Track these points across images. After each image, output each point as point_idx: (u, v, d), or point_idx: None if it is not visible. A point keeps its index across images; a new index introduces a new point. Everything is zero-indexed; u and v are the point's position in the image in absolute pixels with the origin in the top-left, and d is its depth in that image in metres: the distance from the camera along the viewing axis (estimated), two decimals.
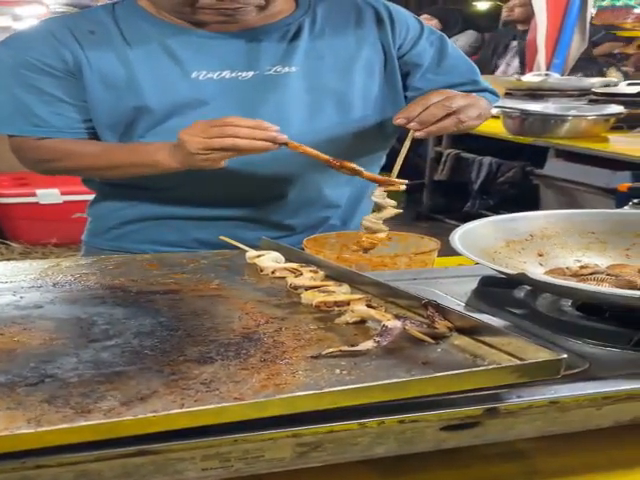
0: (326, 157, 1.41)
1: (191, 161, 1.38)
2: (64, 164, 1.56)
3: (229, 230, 1.48)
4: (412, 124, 1.40)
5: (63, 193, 4.30)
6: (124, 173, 1.52)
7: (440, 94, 1.44)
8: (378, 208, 1.44)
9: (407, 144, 1.44)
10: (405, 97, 1.64)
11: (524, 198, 4.23)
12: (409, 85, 1.63)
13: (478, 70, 1.73)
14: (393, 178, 1.44)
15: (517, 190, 4.39)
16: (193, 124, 1.38)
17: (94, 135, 1.53)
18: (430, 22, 6.66)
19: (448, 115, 1.42)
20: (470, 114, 1.46)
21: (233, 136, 1.33)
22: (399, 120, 1.40)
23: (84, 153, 1.53)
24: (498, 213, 4.46)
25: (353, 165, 1.42)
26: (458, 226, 1.22)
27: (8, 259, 4.17)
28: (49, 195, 4.31)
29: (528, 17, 6.09)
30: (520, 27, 6.20)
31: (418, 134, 1.41)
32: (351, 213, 1.70)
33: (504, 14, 6.49)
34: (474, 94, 1.57)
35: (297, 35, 1.54)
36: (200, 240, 1.58)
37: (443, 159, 4.74)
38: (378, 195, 1.42)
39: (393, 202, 1.44)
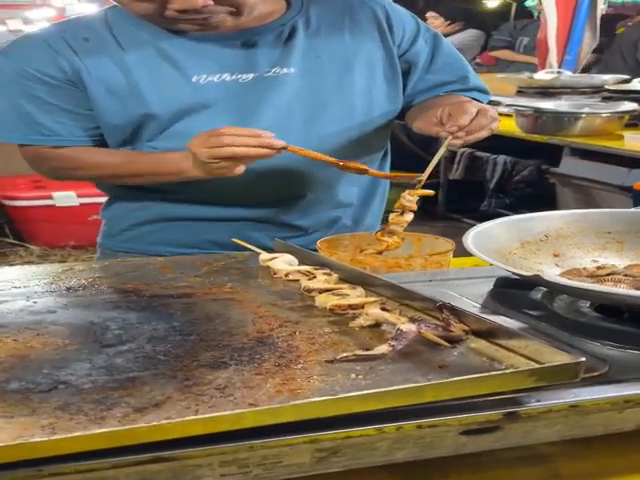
0: (329, 159, 1.41)
1: (208, 170, 1.40)
2: (83, 173, 1.58)
3: (241, 231, 1.48)
4: (460, 133, 1.39)
5: (79, 195, 4.32)
6: (145, 181, 1.53)
7: (472, 103, 1.45)
8: (402, 212, 1.42)
9: (442, 151, 1.43)
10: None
11: (540, 197, 4.21)
12: (406, 83, 1.63)
13: (470, 68, 1.72)
14: (420, 186, 1.43)
15: (533, 189, 4.37)
16: (197, 135, 1.39)
17: (99, 143, 1.54)
18: (436, 20, 6.65)
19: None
20: (497, 124, 1.48)
21: (230, 145, 1.34)
22: (453, 128, 1.38)
23: (105, 163, 1.54)
24: (515, 212, 4.45)
25: (357, 164, 1.42)
26: (474, 225, 1.21)
27: (27, 262, 4.19)
28: (65, 198, 4.33)
29: None
30: None
31: (456, 142, 1.40)
32: (363, 212, 1.70)
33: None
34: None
35: (292, 36, 1.54)
36: (213, 241, 1.58)
37: (457, 158, 4.72)
38: (409, 200, 1.41)
39: (415, 208, 1.43)
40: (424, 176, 1.41)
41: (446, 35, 5.99)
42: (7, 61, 1.52)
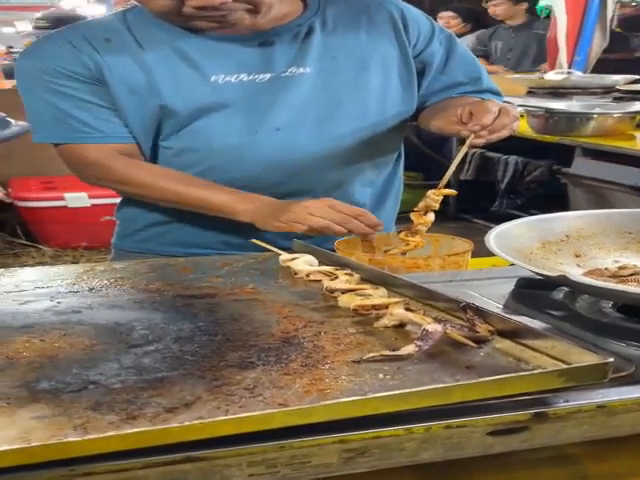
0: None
1: (266, 223, 1.43)
2: (132, 190, 1.56)
3: (256, 232, 1.49)
4: (483, 132, 1.39)
5: (91, 196, 4.33)
6: (191, 210, 1.53)
7: (494, 102, 1.44)
8: (425, 212, 1.42)
9: (464, 150, 1.43)
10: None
11: (552, 197, 4.19)
12: (420, 84, 1.63)
13: (484, 69, 1.72)
14: (442, 186, 1.43)
15: (545, 189, 4.35)
16: (318, 201, 1.42)
17: (137, 140, 1.53)
18: (454, 20, 6.63)
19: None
20: (518, 124, 1.47)
21: (331, 220, 1.38)
22: (476, 127, 1.38)
23: (159, 187, 1.51)
24: (526, 212, 4.45)
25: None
26: (486, 226, 1.21)
27: (39, 262, 4.21)
28: (77, 199, 4.34)
29: (512, 13, 6.34)
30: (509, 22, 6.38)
31: (478, 141, 1.40)
32: (376, 213, 1.68)
33: (489, 11, 6.56)
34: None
35: (309, 36, 1.54)
36: (226, 241, 1.59)
37: (468, 159, 4.70)
38: (434, 199, 1.41)
39: (437, 207, 1.43)
40: (446, 176, 1.41)
41: (459, 35, 6.02)
42: (31, 62, 1.52)
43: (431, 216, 1.41)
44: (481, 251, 1.43)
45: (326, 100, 1.53)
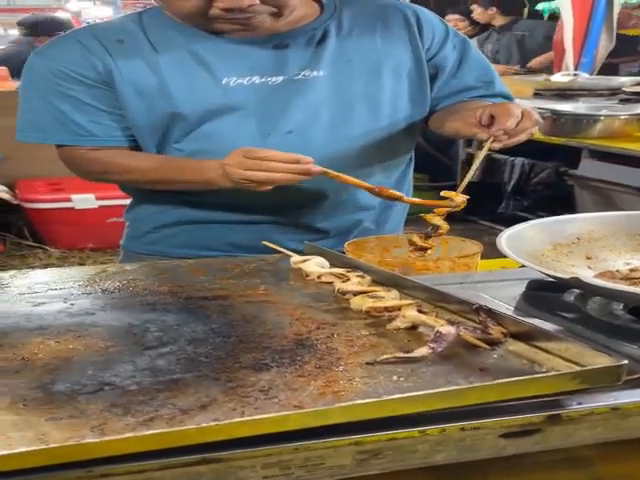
0: (366, 185, 1.42)
1: (237, 185, 1.41)
2: (117, 177, 1.59)
3: (263, 233, 1.49)
4: (503, 136, 1.38)
5: (98, 198, 4.34)
6: (177, 188, 1.54)
7: (516, 105, 1.43)
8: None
9: (482, 155, 1.42)
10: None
11: (559, 199, 4.19)
12: (432, 88, 1.63)
13: (496, 73, 1.71)
14: (457, 193, 1.42)
15: (551, 191, 4.34)
16: (233, 153, 1.39)
17: (134, 143, 1.54)
18: (462, 23, 6.63)
19: None
20: (537, 128, 1.47)
21: (268, 170, 1.35)
22: (499, 132, 1.37)
23: (137, 168, 1.54)
24: (533, 214, 4.44)
25: (392, 191, 1.42)
26: (492, 227, 1.22)
27: (46, 264, 4.21)
28: (84, 200, 4.35)
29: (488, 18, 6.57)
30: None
31: (497, 145, 1.40)
32: (385, 216, 1.70)
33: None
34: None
35: (324, 39, 1.54)
36: (234, 243, 1.59)
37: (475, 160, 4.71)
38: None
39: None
40: (465, 181, 1.41)
41: (470, 37, 6.06)
42: (42, 61, 1.53)
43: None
44: (488, 253, 1.44)
45: (339, 103, 1.53)
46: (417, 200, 1.50)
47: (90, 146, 1.53)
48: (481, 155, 1.42)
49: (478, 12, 6.67)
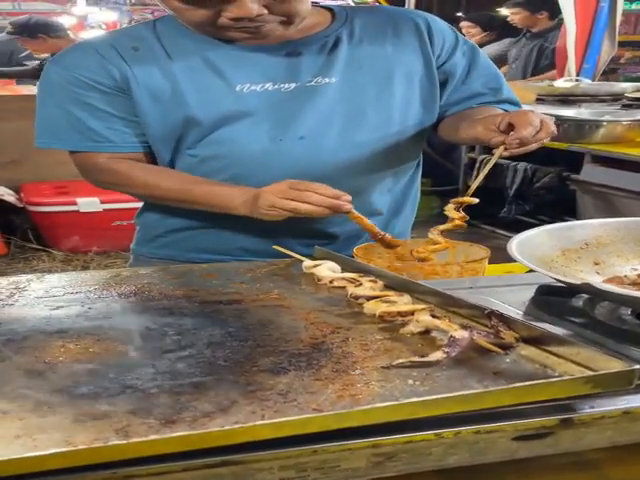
0: (375, 230, 1.46)
1: (256, 212, 1.43)
2: (131, 190, 1.60)
3: (274, 238, 1.51)
4: (517, 145, 1.39)
5: (103, 202, 4.35)
6: (195, 208, 1.55)
7: (535, 114, 1.43)
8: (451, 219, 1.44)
9: (493, 161, 1.43)
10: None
11: (561, 204, 4.20)
12: (441, 94, 1.64)
13: (503, 80, 1.72)
14: (468, 196, 1.45)
15: (554, 196, 4.36)
16: (279, 184, 1.41)
17: (150, 149, 1.56)
18: (472, 29, 6.59)
19: None
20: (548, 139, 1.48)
21: (308, 202, 1.38)
22: (515, 140, 1.38)
23: (154, 185, 1.55)
24: (535, 219, 4.44)
25: (392, 239, 1.47)
26: (494, 232, 1.23)
27: (50, 267, 4.22)
28: (89, 204, 4.36)
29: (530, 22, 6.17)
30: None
31: (506, 153, 1.41)
32: (393, 221, 1.71)
33: (509, 19, 6.43)
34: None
35: (335, 46, 1.56)
36: (244, 248, 1.60)
37: (477, 165, 4.71)
38: (451, 210, 1.43)
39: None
40: (473, 186, 1.42)
41: (481, 45, 5.96)
42: (58, 69, 1.55)
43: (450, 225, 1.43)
44: (491, 257, 1.45)
45: (350, 110, 1.55)
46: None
47: (106, 152, 1.54)
48: (492, 161, 1.43)
49: (519, 15, 6.17)
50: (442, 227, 1.44)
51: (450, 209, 1.44)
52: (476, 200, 1.44)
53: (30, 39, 5.55)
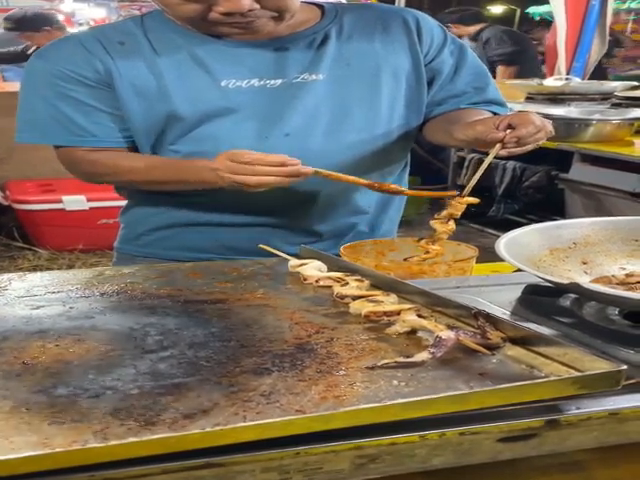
0: (364, 181, 1.43)
1: (230, 185, 1.41)
2: (114, 179, 1.60)
3: (258, 236, 1.49)
4: (511, 143, 1.38)
5: (89, 200, 4.33)
6: (173, 188, 1.54)
7: (536, 115, 1.43)
8: (447, 220, 1.43)
9: (489, 160, 1.42)
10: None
11: (550, 203, 4.20)
12: (428, 93, 1.63)
13: (491, 79, 1.72)
14: (466, 194, 1.42)
15: (542, 194, 4.36)
16: (219, 157, 1.39)
17: (134, 144, 1.54)
18: (457, 29, 6.59)
19: None
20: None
21: (257, 174, 1.35)
22: (513, 138, 1.37)
23: (133, 169, 1.54)
24: (524, 217, 4.44)
25: (393, 186, 1.44)
26: (482, 230, 1.22)
27: (35, 265, 4.20)
28: (75, 202, 4.33)
29: None
30: None
31: (503, 152, 1.40)
32: (379, 219, 1.70)
33: None
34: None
35: (324, 43, 1.55)
36: (229, 246, 1.59)
37: (466, 164, 4.72)
38: (457, 207, 1.41)
39: (458, 215, 1.44)
40: (470, 185, 1.41)
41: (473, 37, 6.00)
42: (43, 63, 1.53)
43: (452, 224, 1.41)
44: (479, 256, 1.45)
45: (337, 107, 1.54)
46: (418, 192, 1.50)
47: (90, 147, 1.53)
48: (488, 160, 1.42)
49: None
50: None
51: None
52: (477, 200, 1.42)
53: (34, 33, 5.45)
